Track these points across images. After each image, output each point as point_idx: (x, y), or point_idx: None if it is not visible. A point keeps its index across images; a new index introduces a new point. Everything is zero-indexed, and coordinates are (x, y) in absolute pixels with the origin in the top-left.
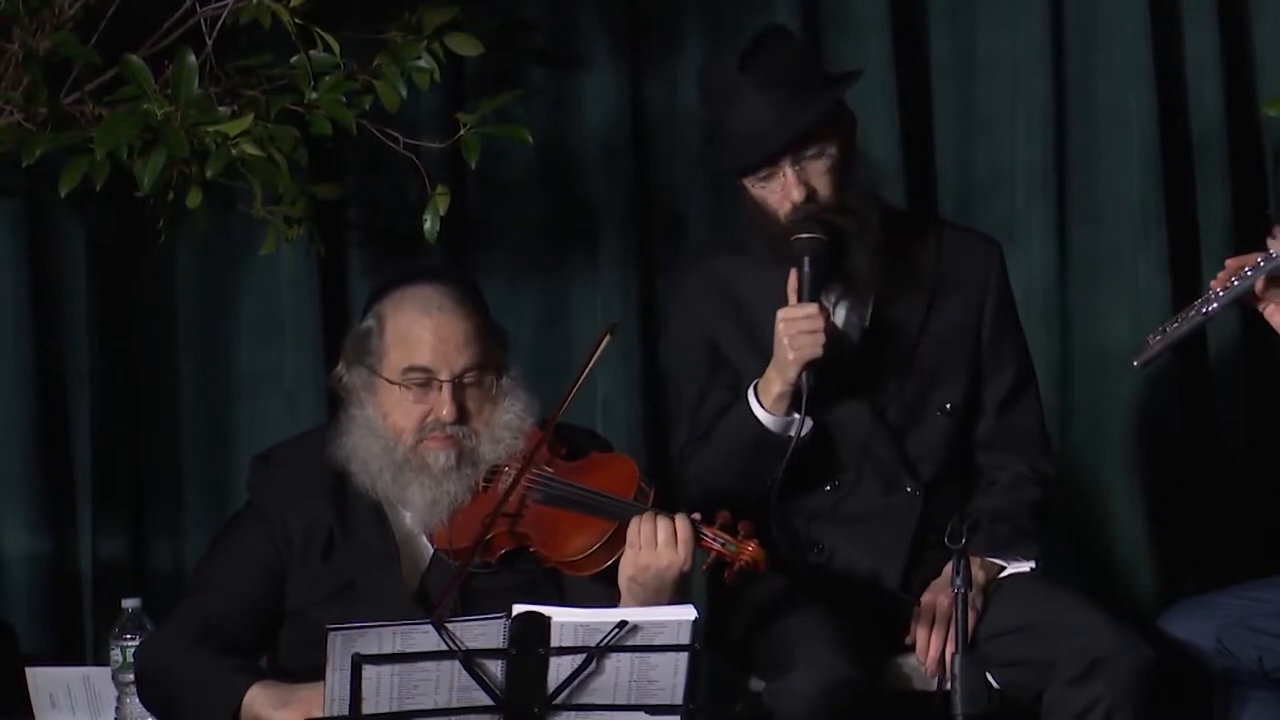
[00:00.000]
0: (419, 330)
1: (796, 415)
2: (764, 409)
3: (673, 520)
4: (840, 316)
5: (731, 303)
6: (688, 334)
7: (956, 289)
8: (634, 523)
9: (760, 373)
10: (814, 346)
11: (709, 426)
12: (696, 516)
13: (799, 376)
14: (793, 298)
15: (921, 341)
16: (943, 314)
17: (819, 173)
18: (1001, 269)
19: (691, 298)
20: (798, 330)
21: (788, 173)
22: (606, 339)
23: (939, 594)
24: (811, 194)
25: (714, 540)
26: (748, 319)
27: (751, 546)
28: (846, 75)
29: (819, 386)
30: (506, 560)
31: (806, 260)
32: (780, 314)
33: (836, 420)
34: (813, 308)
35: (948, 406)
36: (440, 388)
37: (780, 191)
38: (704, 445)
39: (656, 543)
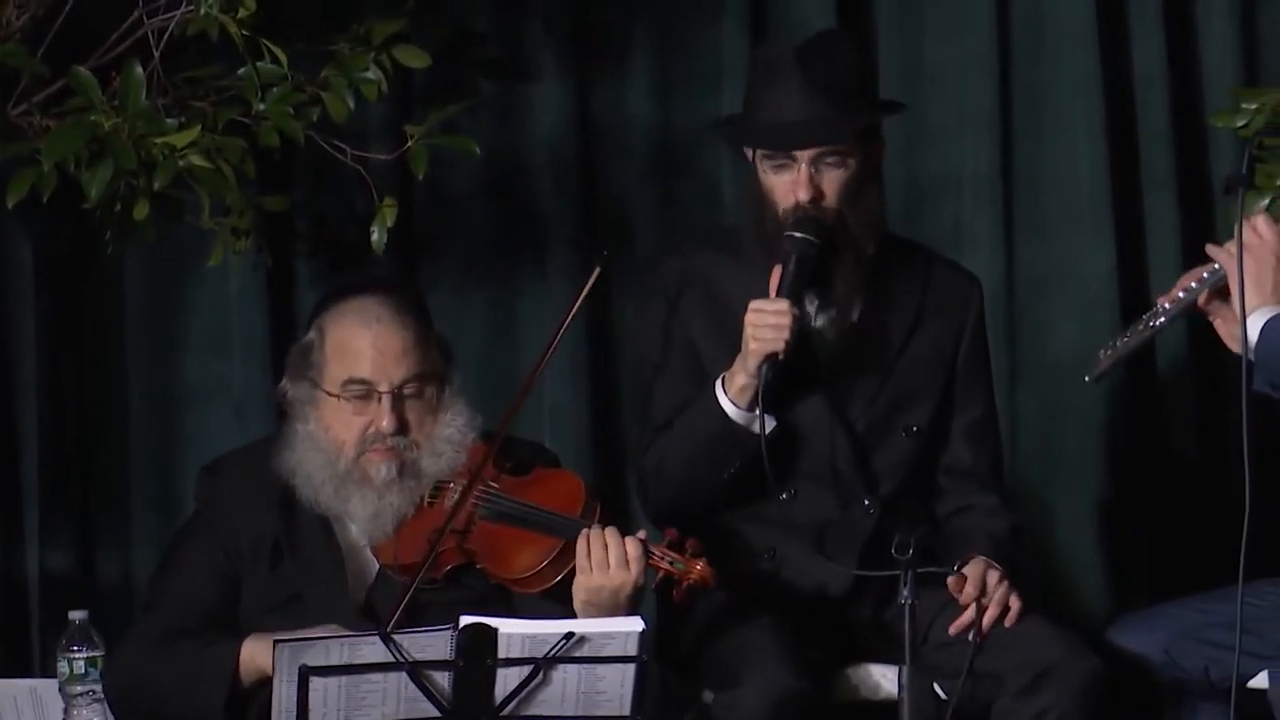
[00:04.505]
0: (358, 342)
1: (758, 413)
2: (728, 399)
3: (621, 540)
4: (816, 322)
5: (710, 298)
6: (661, 323)
7: (937, 317)
8: (582, 545)
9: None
10: (776, 340)
11: (671, 417)
12: (643, 535)
13: (759, 370)
14: (772, 293)
15: (897, 363)
16: (921, 339)
17: (832, 181)
18: (981, 307)
19: (671, 292)
20: (764, 322)
21: (802, 170)
22: (597, 273)
23: (984, 568)
24: (818, 198)
25: (662, 559)
26: (724, 315)
27: (700, 565)
28: (892, 104)
29: (784, 388)
30: (453, 576)
31: (793, 258)
32: (752, 304)
33: (803, 429)
34: (784, 304)
35: (914, 428)
36: (380, 399)
37: (789, 185)
38: (665, 433)
39: (609, 564)
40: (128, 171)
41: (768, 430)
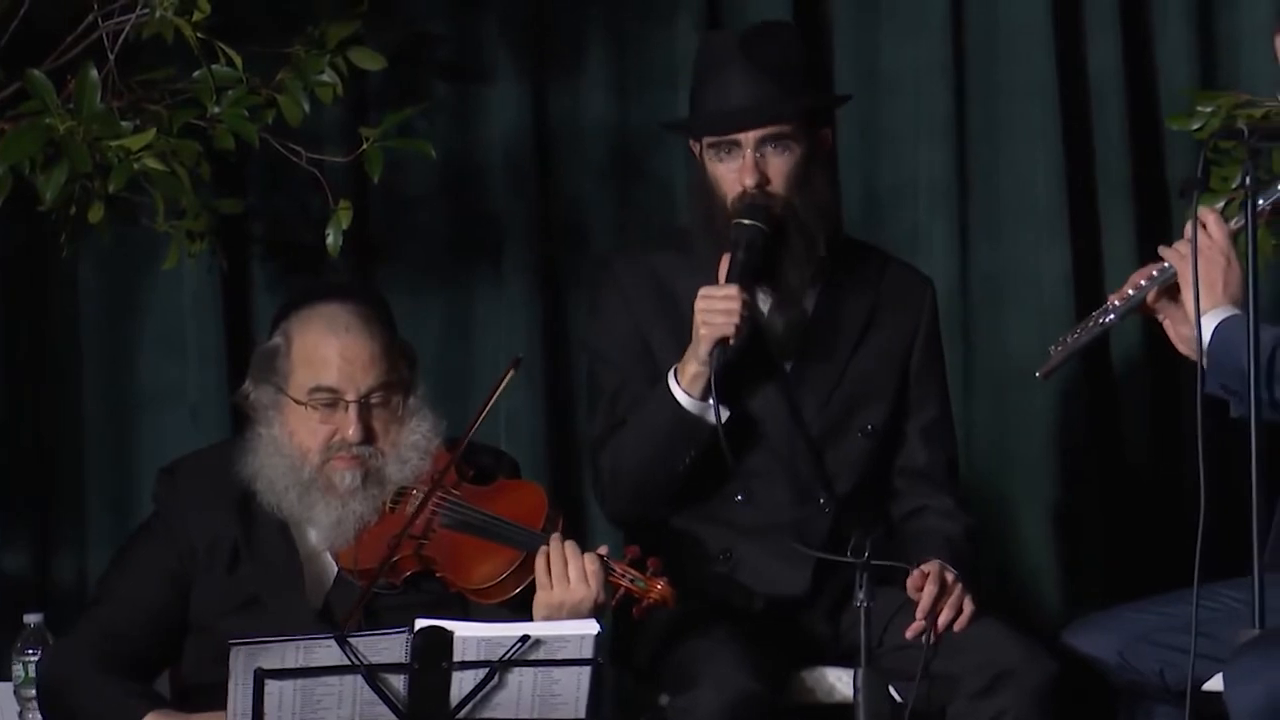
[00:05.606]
0: (325, 350)
1: (712, 401)
2: (681, 389)
3: (581, 555)
4: (767, 313)
5: (665, 299)
6: (618, 325)
7: (891, 318)
8: (541, 559)
9: None
10: (727, 325)
11: (626, 414)
12: (604, 550)
13: (710, 355)
14: (721, 280)
15: (851, 362)
16: (875, 338)
17: (778, 166)
18: (934, 307)
19: (625, 289)
20: (713, 307)
21: (747, 155)
22: (511, 374)
23: (941, 569)
24: (764, 183)
25: (623, 577)
26: (677, 314)
27: (660, 584)
28: (836, 95)
29: (739, 385)
30: (411, 582)
31: (742, 245)
32: (701, 291)
33: (758, 427)
34: (732, 288)
35: (869, 428)
36: (346, 408)
37: (736, 172)
38: (620, 430)
39: (568, 579)
40: (83, 174)
41: (723, 420)
